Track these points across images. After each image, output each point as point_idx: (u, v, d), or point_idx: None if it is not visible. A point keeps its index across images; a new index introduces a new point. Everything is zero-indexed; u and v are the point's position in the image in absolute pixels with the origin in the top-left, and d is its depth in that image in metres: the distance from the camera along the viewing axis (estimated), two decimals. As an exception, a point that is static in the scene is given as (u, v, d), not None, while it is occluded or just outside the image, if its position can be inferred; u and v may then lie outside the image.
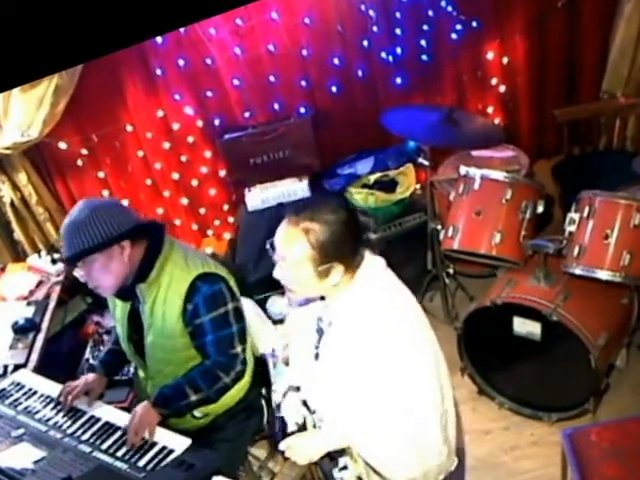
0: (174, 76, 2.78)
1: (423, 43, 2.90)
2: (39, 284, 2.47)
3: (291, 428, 1.45)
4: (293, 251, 1.27)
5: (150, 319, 1.69)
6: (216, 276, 1.69)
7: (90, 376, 1.81)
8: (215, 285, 1.67)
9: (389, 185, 2.85)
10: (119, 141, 2.84)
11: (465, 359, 2.35)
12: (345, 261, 1.28)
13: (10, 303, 2.40)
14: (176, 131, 2.88)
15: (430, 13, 2.86)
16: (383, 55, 2.88)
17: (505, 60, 3.00)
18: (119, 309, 1.78)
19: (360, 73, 2.90)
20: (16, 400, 1.81)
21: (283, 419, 1.46)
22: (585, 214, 2.07)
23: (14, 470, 1.55)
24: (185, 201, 3.05)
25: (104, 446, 1.63)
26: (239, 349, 1.69)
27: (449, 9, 2.85)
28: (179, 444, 1.60)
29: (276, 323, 1.38)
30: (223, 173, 3.01)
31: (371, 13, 2.80)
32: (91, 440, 1.65)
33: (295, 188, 2.81)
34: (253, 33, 2.74)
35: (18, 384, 1.88)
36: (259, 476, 1.99)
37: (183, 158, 2.96)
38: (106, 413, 1.75)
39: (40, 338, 2.20)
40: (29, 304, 2.36)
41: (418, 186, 2.93)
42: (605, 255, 2.04)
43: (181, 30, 2.67)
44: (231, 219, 3.12)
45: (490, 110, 3.11)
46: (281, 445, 1.38)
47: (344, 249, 1.28)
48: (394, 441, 1.28)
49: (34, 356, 2.11)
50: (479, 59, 2.98)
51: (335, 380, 1.33)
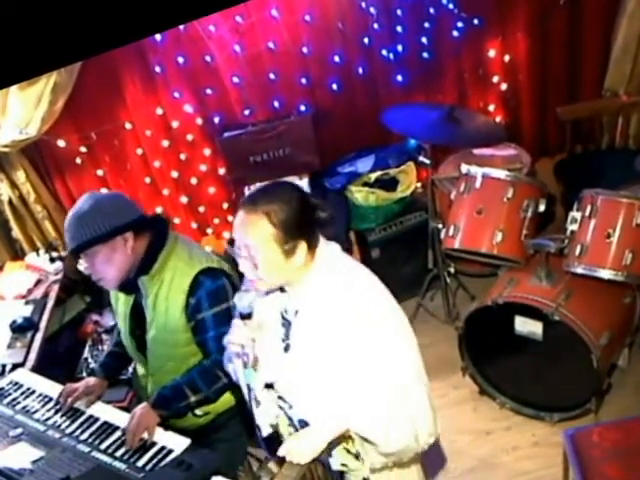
0: (173, 74, 2.77)
1: (424, 41, 2.89)
2: (37, 283, 2.47)
3: (265, 431, 1.44)
4: (258, 235, 1.28)
5: (152, 313, 1.68)
6: (219, 271, 1.69)
7: (91, 380, 1.80)
8: (218, 280, 1.67)
9: (390, 183, 2.84)
10: (118, 139, 2.83)
11: (466, 359, 2.34)
12: (307, 239, 1.31)
13: (8, 302, 2.39)
14: (175, 129, 2.87)
15: (431, 10, 2.85)
16: (384, 53, 2.87)
17: (507, 58, 3.00)
18: (122, 303, 1.77)
19: (361, 71, 2.89)
20: (14, 399, 1.80)
21: (258, 424, 1.45)
22: (587, 213, 2.07)
23: (12, 470, 1.54)
24: (184, 199, 3.04)
25: (103, 446, 1.62)
26: None
27: (450, 6, 2.84)
28: (178, 444, 1.59)
29: (244, 318, 1.37)
30: (223, 171, 3.00)
31: (372, 10, 2.79)
32: (90, 440, 1.64)
33: (295, 186, 2.80)
34: (253, 30, 2.73)
35: (16, 383, 1.87)
36: (259, 476, 1.99)
37: (182, 156, 2.95)
38: (105, 413, 1.74)
39: (38, 337, 2.19)
40: (27, 303, 2.35)
41: (419, 184, 2.92)
42: (607, 254, 2.03)
43: (180, 27, 2.66)
44: (231, 218, 3.11)
45: (492, 108, 3.10)
46: (280, 451, 1.37)
47: (305, 226, 1.31)
48: (385, 410, 1.30)
49: (32, 355, 2.11)
50: (480, 57, 2.97)
51: (311, 368, 1.33)
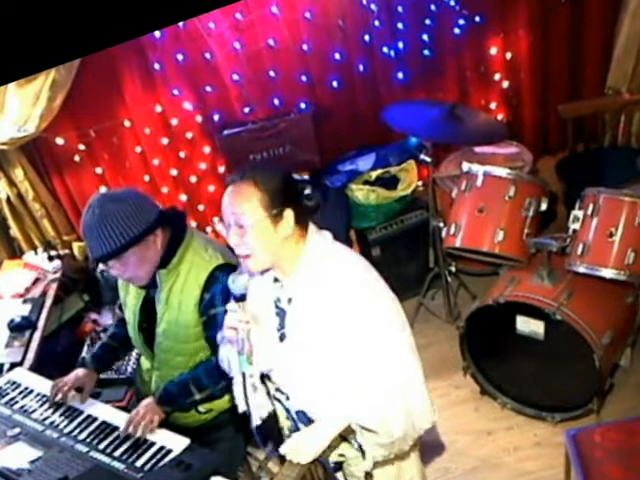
0: (173, 71, 2.76)
1: (425, 38, 2.88)
2: (35, 281, 2.46)
3: (255, 422, 1.44)
4: (246, 200, 1.31)
5: (165, 306, 1.67)
6: (235, 268, 1.67)
7: (80, 371, 1.78)
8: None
9: (391, 182, 2.83)
10: (117, 136, 2.82)
11: (467, 358, 2.34)
12: (294, 207, 1.32)
13: (6, 301, 2.38)
14: (175, 126, 2.86)
15: (432, 7, 2.84)
16: (385, 50, 2.86)
17: (508, 55, 2.98)
18: (132, 296, 1.76)
19: (361, 68, 2.88)
20: (12, 399, 1.79)
21: (248, 414, 1.45)
22: (589, 211, 2.05)
23: (10, 470, 1.53)
24: (184, 197, 3.03)
25: (101, 446, 1.61)
26: None
27: (452, 3, 2.83)
28: (177, 444, 1.59)
29: (238, 300, 1.37)
30: (222, 169, 2.99)
31: (373, 7, 2.78)
32: (88, 440, 1.63)
33: (295, 185, 2.79)
34: (253, 27, 2.72)
35: (14, 383, 1.86)
36: (258, 476, 1.98)
37: (182, 154, 2.94)
38: (103, 412, 1.73)
39: (36, 336, 2.19)
40: (25, 302, 2.34)
41: (420, 183, 2.92)
42: (609, 253, 2.02)
43: (180, 24, 2.65)
44: (230, 216, 3.10)
45: (493, 106, 3.09)
46: (281, 449, 1.36)
47: (291, 195, 1.34)
48: (383, 399, 1.30)
49: (30, 355, 2.10)
50: (482, 54, 2.96)
51: (308, 356, 1.33)
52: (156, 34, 2.65)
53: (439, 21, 2.86)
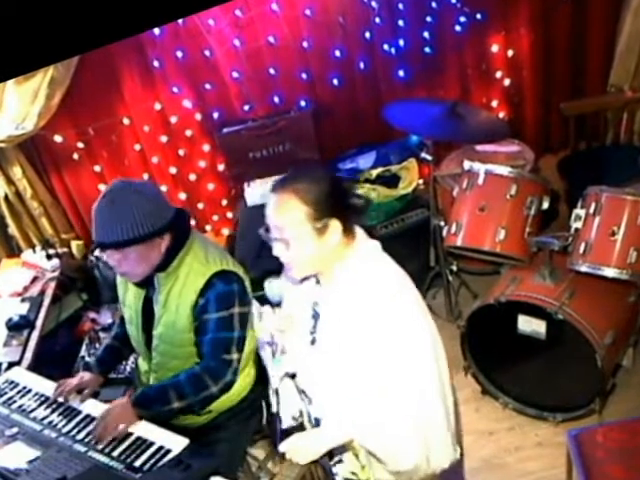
0: (172, 68, 2.75)
1: (426, 35, 2.87)
2: (34, 280, 2.46)
3: (287, 423, 1.43)
4: (289, 213, 1.27)
5: (162, 310, 1.66)
6: (233, 275, 1.66)
7: (86, 374, 1.78)
8: (231, 285, 1.64)
9: (391, 180, 2.82)
10: (116, 134, 2.82)
11: (468, 358, 2.32)
12: (340, 217, 1.29)
13: (4, 299, 2.38)
14: (174, 124, 2.86)
15: (433, 4, 2.83)
16: (385, 47, 2.85)
17: (510, 53, 2.97)
18: (131, 294, 1.74)
19: (362, 66, 2.87)
20: (10, 398, 1.78)
21: (279, 415, 1.44)
22: (591, 210, 2.04)
23: (8, 470, 1.52)
24: (183, 196, 3.02)
25: (100, 445, 1.60)
26: (234, 356, 1.62)
27: (453, 1, 2.82)
28: (176, 444, 1.57)
29: (274, 307, 1.38)
30: (222, 167, 2.99)
31: (373, 4, 2.77)
32: (86, 439, 1.62)
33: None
34: (253, 24, 2.72)
35: (12, 382, 1.85)
36: (258, 477, 1.97)
37: (181, 152, 2.93)
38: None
39: (35, 335, 2.18)
40: (23, 300, 2.34)
41: (421, 181, 2.91)
42: (612, 252, 2.01)
43: (179, 21, 2.64)
44: (230, 214, 3.10)
45: (495, 104, 3.08)
46: (281, 447, 1.35)
47: (336, 204, 1.29)
48: (398, 426, 1.26)
49: (28, 354, 2.10)
50: (483, 52, 2.95)
51: (333, 365, 1.31)
52: (155, 31, 2.64)
53: (440, 18, 2.85)
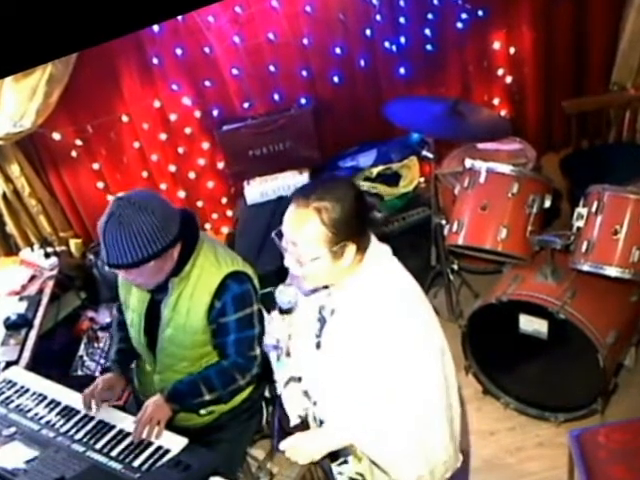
0: (171, 65, 2.75)
1: (427, 32, 2.86)
2: (32, 279, 2.44)
3: (293, 421, 1.43)
4: (306, 232, 1.23)
5: (172, 312, 1.65)
6: (245, 275, 1.67)
7: (107, 376, 1.74)
8: (244, 285, 1.66)
9: (392, 178, 2.82)
10: (114, 132, 2.81)
11: (469, 358, 2.32)
12: (357, 240, 1.26)
13: (2, 298, 2.36)
14: (173, 122, 2.85)
15: (435, 1, 2.82)
16: (386, 44, 2.84)
17: (512, 50, 2.96)
18: (135, 298, 1.73)
19: (363, 63, 2.86)
20: (8, 398, 1.77)
21: (285, 413, 1.44)
22: (594, 209, 2.03)
23: (5, 470, 1.52)
24: (182, 194, 3.01)
25: (98, 445, 1.59)
26: (257, 351, 1.68)
27: (454, -3, 2.80)
28: (175, 444, 1.57)
29: (284, 313, 1.38)
30: (221, 165, 2.98)
31: (374, 1, 2.76)
32: (85, 439, 1.61)
33: (295, 181, 2.78)
34: (253, 21, 2.71)
35: (10, 381, 1.84)
36: (257, 477, 1.96)
37: (180, 150, 2.92)
38: (100, 411, 1.70)
39: (33, 334, 2.16)
40: (21, 299, 2.33)
41: (422, 179, 2.90)
42: (614, 251, 2.00)
43: (179, 18, 2.63)
44: (229, 213, 3.09)
45: (496, 101, 3.07)
46: (281, 445, 1.35)
47: (356, 227, 1.26)
48: (401, 437, 1.25)
49: (26, 353, 2.08)
50: (485, 49, 2.94)
51: (337, 370, 1.31)
52: (155, 28, 2.63)
53: (441, 15, 2.84)
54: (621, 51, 2.87)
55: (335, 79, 2.86)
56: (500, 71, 2.99)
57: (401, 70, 2.88)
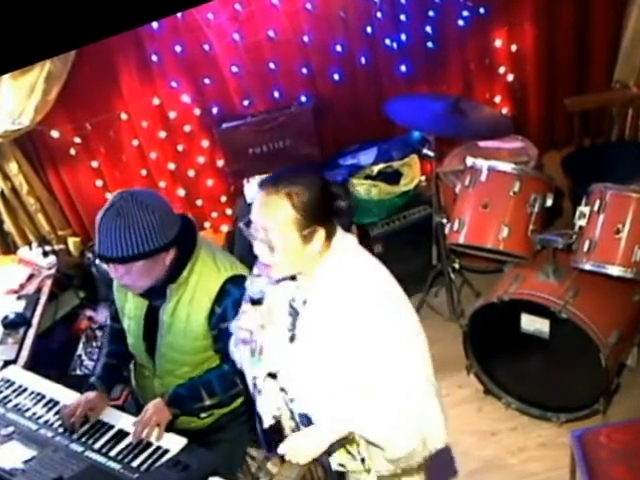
0: (171, 63, 2.74)
1: (429, 30, 2.85)
2: (30, 277, 2.44)
3: (267, 422, 1.42)
4: (277, 217, 1.26)
5: (171, 318, 1.64)
6: (243, 278, 1.65)
7: (90, 394, 1.71)
8: (243, 289, 1.62)
9: (393, 176, 2.81)
10: (113, 130, 2.80)
11: (471, 357, 2.31)
12: (326, 225, 1.29)
13: (0, 297, 2.35)
14: (172, 120, 2.84)
15: (436, -1, 2.80)
16: (387, 42, 2.83)
17: (514, 48, 2.95)
18: (132, 304, 1.72)
19: (363, 60, 2.86)
20: (5, 397, 1.77)
21: (259, 415, 1.43)
22: (596, 208, 2.03)
23: (3, 470, 1.52)
24: (181, 192, 3.00)
25: (96, 445, 1.59)
26: None
27: (455, -5, 2.79)
28: (174, 444, 1.56)
29: (255, 304, 1.35)
30: (221, 163, 2.97)
31: (375, -2, 2.73)
32: (83, 439, 1.61)
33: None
34: (253, 19, 2.70)
35: (8, 381, 1.84)
36: (257, 477, 1.95)
37: (180, 148, 2.91)
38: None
39: (31, 333, 2.16)
40: (19, 298, 2.32)
41: (423, 178, 2.89)
42: (616, 250, 2.00)
43: (178, 15, 2.62)
44: (229, 211, 3.08)
45: (498, 99, 3.06)
46: (280, 449, 1.34)
47: (325, 212, 1.29)
48: (392, 413, 1.27)
49: (24, 352, 2.08)
50: (487, 47, 2.93)
51: (316, 360, 1.31)
52: (154, 25, 2.62)
53: (443, 13, 2.83)
54: (623, 49, 2.87)
55: (335, 77, 2.85)
56: (502, 69, 2.98)
57: (402, 68, 2.87)
